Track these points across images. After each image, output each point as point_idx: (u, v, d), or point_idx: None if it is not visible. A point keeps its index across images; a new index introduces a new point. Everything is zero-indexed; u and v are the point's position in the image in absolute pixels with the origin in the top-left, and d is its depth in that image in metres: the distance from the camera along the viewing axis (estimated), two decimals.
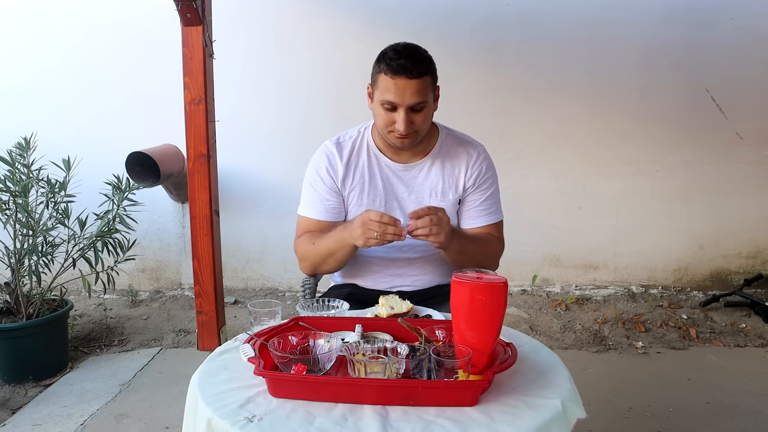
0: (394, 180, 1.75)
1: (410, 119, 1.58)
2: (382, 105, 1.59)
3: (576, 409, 1.09)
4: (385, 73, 1.56)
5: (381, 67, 1.58)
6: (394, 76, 1.54)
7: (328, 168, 1.74)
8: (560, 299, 3.71)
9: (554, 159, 3.75)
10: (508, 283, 1.14)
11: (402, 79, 1.54)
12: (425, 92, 1.57)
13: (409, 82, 1.54)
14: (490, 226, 1.78)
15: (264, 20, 3.66)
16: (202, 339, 2.96)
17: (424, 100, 1.58)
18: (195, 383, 1.16)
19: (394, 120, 1.59)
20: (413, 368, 1.13)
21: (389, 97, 1.56)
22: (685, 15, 3.56)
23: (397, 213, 1.74)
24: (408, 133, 1.60)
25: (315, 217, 1.75)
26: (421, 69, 1.56)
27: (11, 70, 3.76)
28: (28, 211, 2.70)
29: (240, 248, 3.89)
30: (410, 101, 1.56)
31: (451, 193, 1.75)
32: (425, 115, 1.61)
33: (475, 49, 3.64)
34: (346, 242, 1.58)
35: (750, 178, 3.73)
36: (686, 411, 2.43)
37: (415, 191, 1.75)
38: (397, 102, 1.56)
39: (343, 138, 1.78)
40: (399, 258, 1.77)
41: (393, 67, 1.54)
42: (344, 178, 1.74)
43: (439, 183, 1.75)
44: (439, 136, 1.78)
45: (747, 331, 3.23)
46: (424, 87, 1.57)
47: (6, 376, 2.77)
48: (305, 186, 1.79)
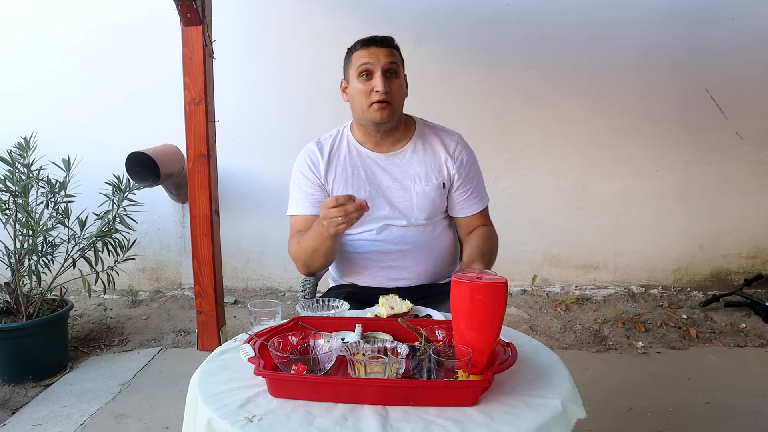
0: (376, 170, 1.78)
1: (387, 83, 1.66)
2: (359, 76, 1.68)
3: (576, 409, 1.09)
4: (356, 49, 1.71)
5: (353, 48, 1.73)
6: (366, 47, 1.69)
7: (310, 165, 1.79)
8: (560, 299, 3.71)
9: (554, 159, 3.75)
10: (508, 283, 1.14)
11: (374, 47, 1.69)
12: (396, 58, 1.70)
13: (380, 49, 1.69)
14: (480, 213, 1.85)
15: (264, 20, 3.66)
16: (202, 339, 2.96)
17: (396, 63, 1.70)
18: (195, 383, 1.16)
19: (372, 87, 1.66)
20: (413, 368, 1.13)
21: (364, 60, 1.67)
22: (685, 15, 3.56)
23: (383, 202, 1.77)
24: (386, 98, 1.66)
25: (302, 212, 1.78)
26: (389, 40, 1.72)
27: (11, 70, 3.77)
28: (28, 211, 2.70)
29: (240, 248, 3.89)
30: (384, 61, 1.67)
31: (434, 176, 1.78)
32: (399, 84, 1.71)
33: (475, 48, 3.64)
34: (323, 236, 1.60)
35: (750, 178, 3.73)
36: (686, 411, 2.43)
37: (397, 178, 1.78)
38: (372, 62, 1.67)
39: (323, 138, 1.85)
40: (392, 251, 1.79)
41: (364, 41, 1.71)
42: (326, 172, 1.78)
43: (422, 169, 1.78)
44: (416, 125, 1.84)
45: (747, 331, 3.23)
46: (395, 55, 1.71)
47: (6, 376, 2.77)
48: (291, 187, 1.83)
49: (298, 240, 1.72)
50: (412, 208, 1.77)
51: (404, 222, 1.78)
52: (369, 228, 1.78)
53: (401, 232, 1.78)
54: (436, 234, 1.83)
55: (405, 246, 1.79)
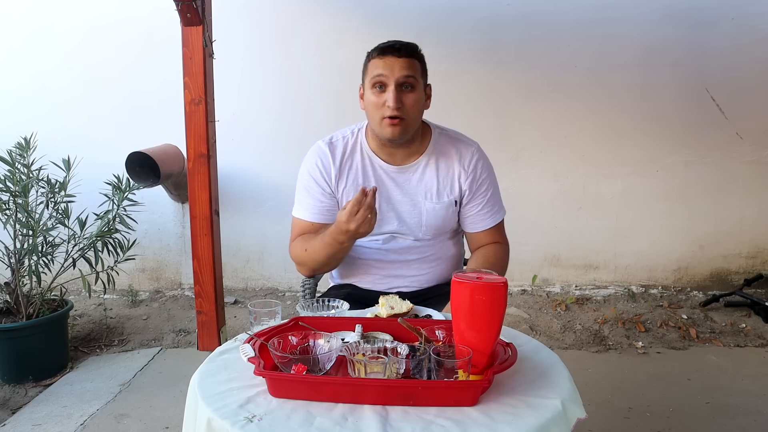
0: (387, 182, 1.72)
1: (400, 98, 1.58)
2: (372, 86, 1.61)
3: (576, 409, 1.09)
4: (373, 57, 1.62)
5: (370, 55, 1.64)
6: (383, 56, 1.60)
7: (321, 170, 1.72)
8: (560, 299, 3.71)
9: (554, 159, 3.75)
10: (508, 283, 1.14)
11: (390, 57, 1.59)
12: (413, 70, 1.61)
13: (396, 60, 1.59)
14: (491, 230, 1.77)
15: (264, 20, 3.66)
16: (202, 339, 2.96)
17: (412, 76, 1.60)
18: (195, 383, 1.16)
19: (385, 101, 1.59)
20: (413, 368, 1.13)
21: (378, 71, 1.59)
22: (685, 15, 3.56)
23: (391, 216, 1.72)
24: (398, 113, 1.58)
25: (309, 219, 1.74)
26: (409, 50, 1.62)
27: (12, 70, 3.76)
28: (28, 211, 2.70)
29: (240, 248, 3.89)
30: (399, 74, 1.58)
31: (446, 194, 1.72)
32: (415, 98, 1.61)
33: (475, 48, 3.64)
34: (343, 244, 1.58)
35: (750, 178, 3.73)
36: (686, 411, 2.43)
37: (408, 194, 1.72)
38: (386, 74, 1.58)
39: (336, 138, 1.76)
40: (396, 260, 1.77)
41: (381, 48, 1.62)
42: (338, 179, 1.72)
43: (434, 185, 1.72)
44: (432, 135, 1.75)
45: (747, 331, 3.23)
46: (412, 66, 1.61)
47: (6, 376, 2.77)
48: (299, 187, 1.77)
49: (305, 246, 1.68)
50: (420, 225, 1.72)
51: (411, 237, 1.74)
52: (375, 238, 1.74)
53: (407, 244, 1.75)
54: (443, 246, 1.80)
55: (410, 257, 1.77)
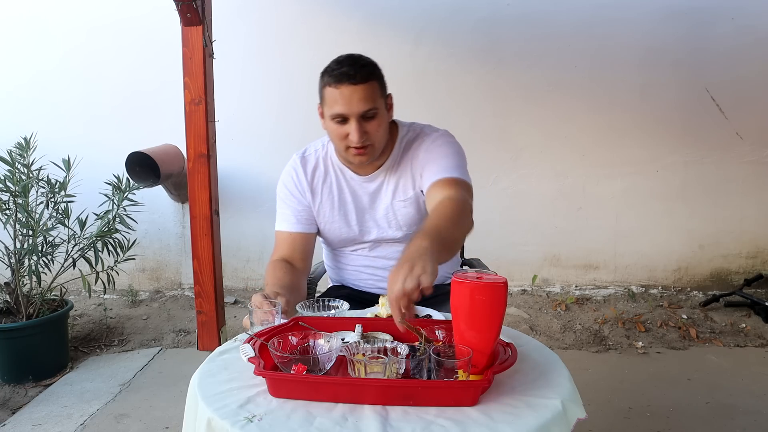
0: (360, 192, 1.71)
1: (363, 129, 1.52)
2: (333, 120, 1.53)
3: (576, 409, 1.09)
4: (329, 85, 1.52)
5: (325, 80, 1.53)
6: (338, 85, 1.49)
7: (296, 183, 1.73)
8: (560, 299, 3.71)
9: (554, 159, 3.75)
10: (508, 283, 1.13)
11: (346, 86, 1.49)
12: (373, 97, 1.52)
13: (354, 88, 1.49)
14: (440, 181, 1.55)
15: (264, 20, 3.66)
16: (202, 339, 2.97)
17: (373, 107, 1.51)
18: (195, 383, 1.16)
19: (347, 132, 1.53)
20: (413, 368, 1.13)
21: (338, 108, 1.50)
22: (685, 15, 3.56)
23: (371, 225, 1.72)
24: (363, 145, 1.54)
25: (288, 229, 1.74)
26: (365, 74, 1.51)
27: (12, 71, 3.77)
28: (28, 211, 2.70)
29: (240, 248, 3.89)
30: (359, 108, 1.49)
31: (411, 187, 1.67)
32: (378, 123, 1.54)
33: (475, 48, 3.64)
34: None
35: (750, 178, 3.73)
36: (686, 411, 2.43)
37: (378, 200, 1.71)
38: (346, 112, 1.50)
39: (309, 152, 1.75)
40: (387, 265, 1.74)
41: (335, 76, 1.50)
42: (312, 193, 1.72)
43: (399, 183, 1.67)
44: (398, 135, 1.69)
45: (747, 331, 3.23)
46: (371, 92, 1.51)
47: (6, 376, 2.77)
48: (278, 201, 1.78)
49: (267, 278, 1.63)
50: (399, 226, 1.71)
51: (394, 240, 1.73)
52: (361, 246, 1.76)
53: (394, 247, 1.73)
54: None
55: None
